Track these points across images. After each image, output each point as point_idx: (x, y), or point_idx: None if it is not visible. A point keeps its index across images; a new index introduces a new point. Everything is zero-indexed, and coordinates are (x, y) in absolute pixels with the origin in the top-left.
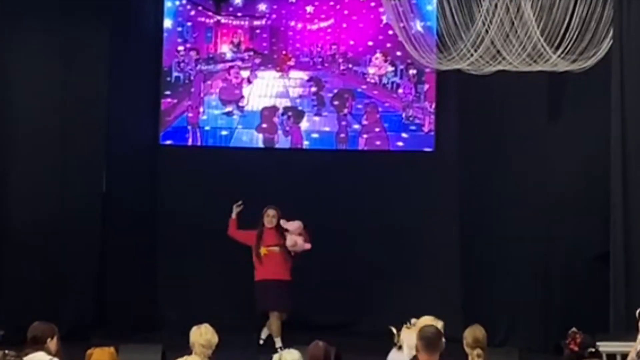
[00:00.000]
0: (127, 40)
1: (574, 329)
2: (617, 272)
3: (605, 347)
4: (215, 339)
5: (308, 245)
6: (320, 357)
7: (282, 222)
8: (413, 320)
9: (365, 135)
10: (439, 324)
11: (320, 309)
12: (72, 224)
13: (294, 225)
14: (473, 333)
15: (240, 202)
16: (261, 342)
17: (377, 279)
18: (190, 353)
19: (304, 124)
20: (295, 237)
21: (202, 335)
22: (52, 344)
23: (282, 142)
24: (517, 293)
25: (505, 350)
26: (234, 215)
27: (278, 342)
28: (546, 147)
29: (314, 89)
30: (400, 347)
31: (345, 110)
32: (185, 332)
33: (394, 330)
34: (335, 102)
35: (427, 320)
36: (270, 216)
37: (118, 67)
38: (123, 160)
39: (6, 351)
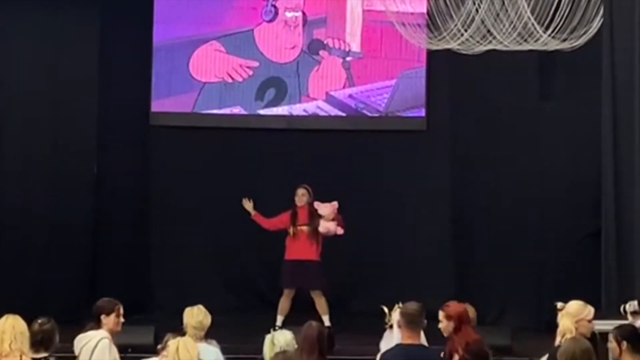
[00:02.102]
0: (117, 20)
1: (559, 303)
2: (608, 250)
3: (597, 325)
4: (207, 320)
5: (341, 231)
6: (314, 338)
7: (316, 204)
8: (560, 304)
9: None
10: (588, 310)
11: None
12: (64, 207)
13: (327, 209)
14: None
15: (248, 199)
16: (278, 328)
17: (369, 258)
18: (183, 334)
19: None
20: (328, 224)
21: (194, 316)
22: (109, 320)
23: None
24: (510, 272)
25: (497, 329)
26: (252, 213)
27: (326, 321)
28: (537, 126)
29: None
30: (391, 327)
31: None
32: (178, 313)
33: (386, 310)
34: None
35: (575, 305)
36: (299, 195)
37: (108, 48)
38: (115, 142)
39: (40, 320)
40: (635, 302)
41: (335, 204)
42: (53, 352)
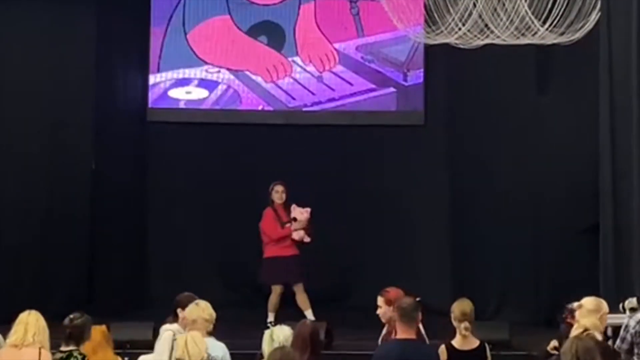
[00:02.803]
0: (114, 16)
1: (571, 304)
2: (606, 244)
3: None
4: (212, 316)
5: (307, 239)
6: (306, 336)
7: (293, 207)
8: (576, 305)
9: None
10: (604, 304)
11: (311, 284)
12: (62, 203)
13: (303, 216)
14: (460, 306)
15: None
16: (270, 325)
17: (367, 252)
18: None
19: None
20: (300, 232)
21: (205, 310)
22: (184, 313)
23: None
24: (508, 266)
25: (495, 324)
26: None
27: (310, 315)
28: (535, 120)
29: None
30: None
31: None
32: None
33: None
34: None
35: (593, 301)
36: (280, 192)
37: (105, 43)
38: (112, 138)
39: (72, 315)
40: (634, 299)
41: (308, 210)
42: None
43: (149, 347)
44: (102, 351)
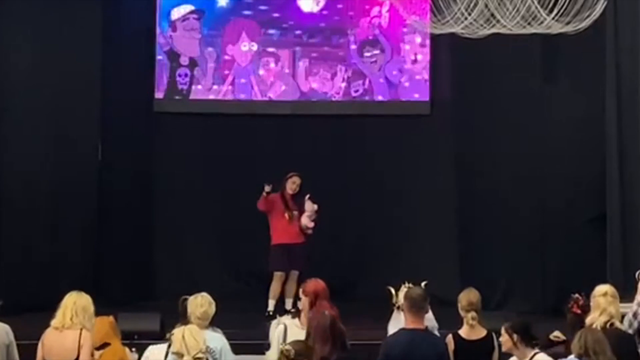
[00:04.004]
0: (119, 7)
1: (576, 294)
2: (613, 233)
3: None
4: (212, 309)
5: (310, 231)
6: (327, 327)
7: (307, 198)
8: (598, 291)
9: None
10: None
11: (317, 273)
12: (68, 194)
13: (312, 208)
14: (467, 296)
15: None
16: (269, 314)
17: (374, 244)
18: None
19: None
20: (307, 221)
21: (199, 307)
22: None
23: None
24: (514, 256)
25: (502, 314)
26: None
27: (288, 304)
28: (541, 109)
29: None
30: (398, 308)
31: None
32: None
33: (392, 291)
34: None
35: (610, 289)
36: (296, 183)
37: (111, 34)
38: (119, 129)
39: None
40: None
41: (315, 206)
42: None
43: (157, 338)
44: (110, 342)
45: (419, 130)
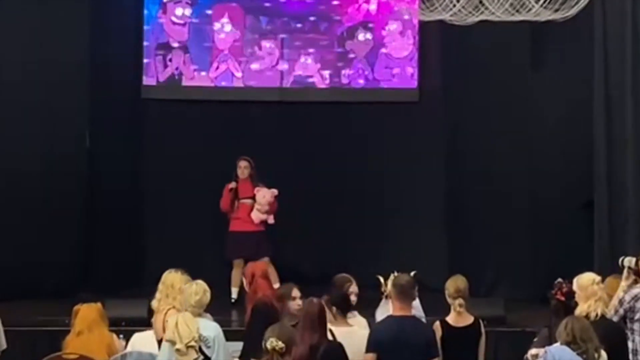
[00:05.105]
0: None
1: (559, 279)
2: (601, 220)
3: None
4: (206, 297)
5: (271, 220)
6: (315, 316)
7: (256, 190)
8: (597, 279)
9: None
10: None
11: (305, 261)
12: (57, 180)
13: (263, 199)
14: (454, 283)
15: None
16: (233, 300)
17: (362, 230)
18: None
19: None
20: (259, 215)
21: (193, 295)
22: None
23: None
24: (503, 243)
25: (490, 301)
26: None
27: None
28: (529, 97)
29: None
30: (387, 296)
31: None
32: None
33: (382, 280)
34: None
35: (590, 276)
36: (242, 167)
37: (99, 21)
38: (107, 117)
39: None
40: (634, 259)
41: (274, 191)
42: None
43: (144, 324)
44: (97, 328)
45: (407, 118)
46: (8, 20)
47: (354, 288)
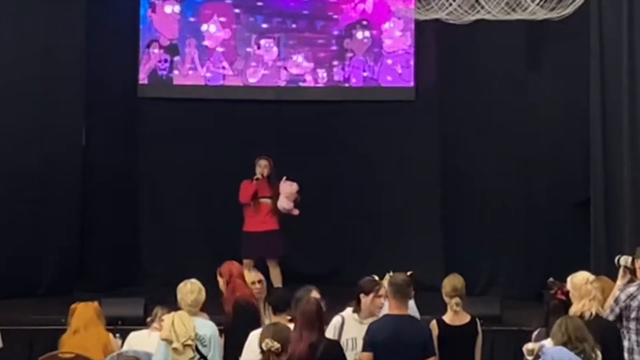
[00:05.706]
0: None
1: (551, 278)
2: (597, 218)
3: None
4: (202, 296)
5: (296, 212)
6: (313, 314)
7: (283, 180)
8: (592, 278)
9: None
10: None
11: (302, 259)
12: (52, 178)
13: (288, 189)
14: (451, 282)
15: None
16: None
17: (358, 228)
18: (174, 309)
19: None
20: (285, 203)
21: (189, 293)
22: (367, 299)
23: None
24: (499, 241)
25: (486, 299)
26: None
27: None
28: (525, 96)
29: None
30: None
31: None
32: (167, 285)
33: (377, 279)
34: None
35: (584, 275)
36: (262, 166)
37: (95, 20)
38: (102, 115)
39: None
40: (630, 258)
41: (295, 185)
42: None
43: (140, 323)
44: (94, 327)
45: (403, 117)
46: (4, 19)
47: (382, 291)
